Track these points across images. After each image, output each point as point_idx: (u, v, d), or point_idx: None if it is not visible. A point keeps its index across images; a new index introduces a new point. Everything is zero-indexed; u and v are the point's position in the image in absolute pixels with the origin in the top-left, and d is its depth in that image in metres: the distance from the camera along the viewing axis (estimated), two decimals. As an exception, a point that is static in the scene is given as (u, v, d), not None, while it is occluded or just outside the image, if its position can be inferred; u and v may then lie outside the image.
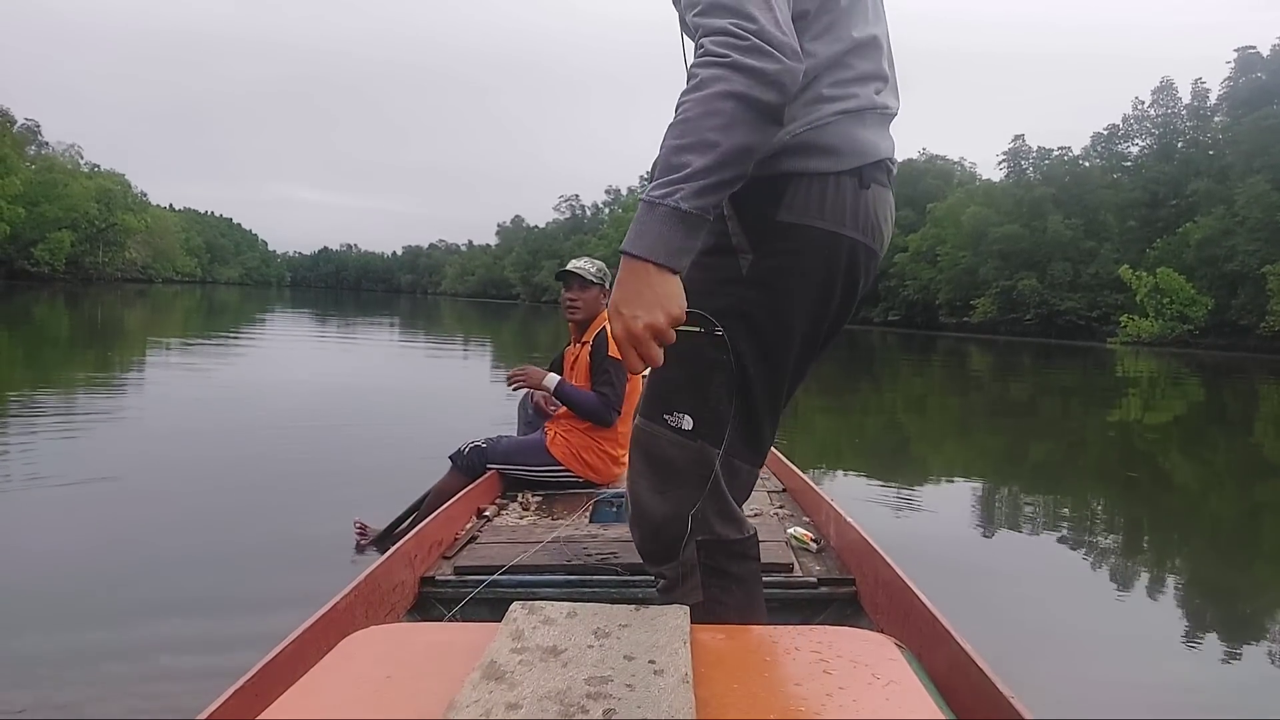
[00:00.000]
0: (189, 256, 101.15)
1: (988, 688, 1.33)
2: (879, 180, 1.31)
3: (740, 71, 1.05)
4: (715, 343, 1.28)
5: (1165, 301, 39.69)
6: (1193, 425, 11.50)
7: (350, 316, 33.81)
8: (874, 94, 1.31)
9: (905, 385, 15.49)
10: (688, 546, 1.28)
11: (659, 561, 1.32)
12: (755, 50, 1.05)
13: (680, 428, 1.28)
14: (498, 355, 17.63)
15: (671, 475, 1.29)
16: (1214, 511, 5.82)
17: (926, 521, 4.74)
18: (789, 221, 1.26)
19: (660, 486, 1.30)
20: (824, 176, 1.25)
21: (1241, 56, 45.30)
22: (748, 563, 1.34)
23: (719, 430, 1.28)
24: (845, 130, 1.26)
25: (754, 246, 1.27)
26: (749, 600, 1.34)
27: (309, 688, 0.91)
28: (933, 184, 60.54)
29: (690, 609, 1.28)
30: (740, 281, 1.28)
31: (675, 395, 1.30)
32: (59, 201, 56.22)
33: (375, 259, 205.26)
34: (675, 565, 1.29)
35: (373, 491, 4.28)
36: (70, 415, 6.49)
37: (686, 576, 1.29)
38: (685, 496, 1.28)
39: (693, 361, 1.29)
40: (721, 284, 1.29)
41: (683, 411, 1.28)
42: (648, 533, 1.32)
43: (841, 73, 1.27)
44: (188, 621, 2.65)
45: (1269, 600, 3.86)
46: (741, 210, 1.29)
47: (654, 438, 1.31)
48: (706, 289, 1.28)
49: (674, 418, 1.29)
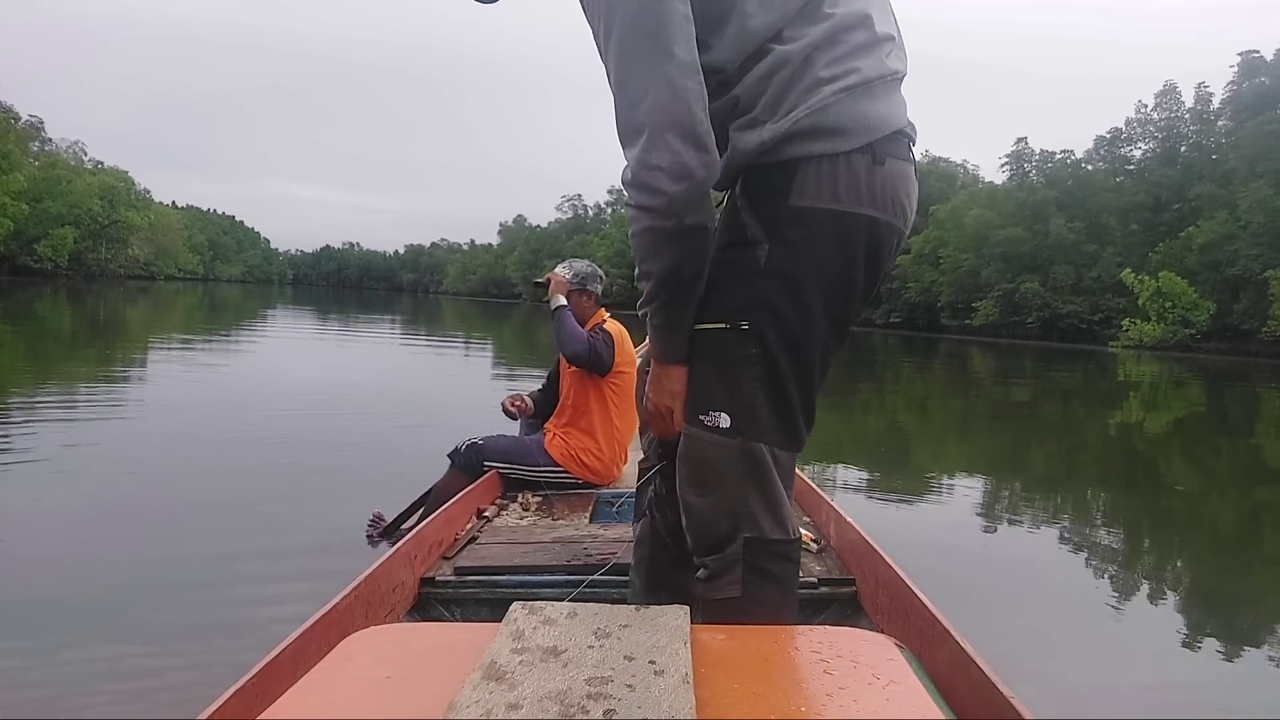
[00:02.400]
0: (191, 254, 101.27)
1: (988, 688, 1.33)
2: (895, 154, 1.28)
3: (640, 210, 1.21)
4: (740, 337, 1.27)
5: (1167, 305, 39.64)
6: (1194, 429, 11.48)
7: (353, 315, 33.84)
8: (882, 61, 1.28)
9: (907, 387, 15.48)
10: (734, 541, 1.29)
11: (704, 552, 1.32)
12: (645, 189, 1.18)
13: (718, 426, 1.28)
14: (498, 355, 17.63)
15: (712, 476, 1.29)
16: (1214, 515, 5.82)
17: (927, 522, 4.74)
18: (801, 206, 1.24)
19: (704, 488, 1.30)
20: (834, 157, 1.24)
21: (1245, 61, 45.24)
22: (788, 564, 1.34)
23: (756, 424, 1.28)
24: (850, 107, 1.23)
25: (769, 236, 1.26)
26: (783, 601, 1.33)
27: (309, 688, 0.91)
28: (935, 186, 60.44)
29: (722, 603, 1.28)
30: (759, 273, 1.27)
31: (709, 395, 1.30)
32: (62, 198, 56.26)
33: (377, 257, 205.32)
34: (720, 558, 1.30)
35: (373, 488, 4.29)
36: (74, 409, 6.50)
37: (728, 570, 1.29)
38: (729, 495, 1.28)
39: (721, 359, 1.29)
40: (741, 277, 1.28)
41: (718, 410, 1.28)
42: (696, 531, 1.33)
43: (835, 49, 1.24)
44: (188, 622, 2.66)
45: (1268, 603, 3.85)
46: (754, 201, 1.28)
47: (694, 441, 1.31)
48: (727, 284, 1.29)
49: (710, 417, 1.29)
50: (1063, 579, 3.84)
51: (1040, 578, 3.85)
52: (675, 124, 1.15)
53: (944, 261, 53.36)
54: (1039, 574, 3.92)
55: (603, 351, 3.40)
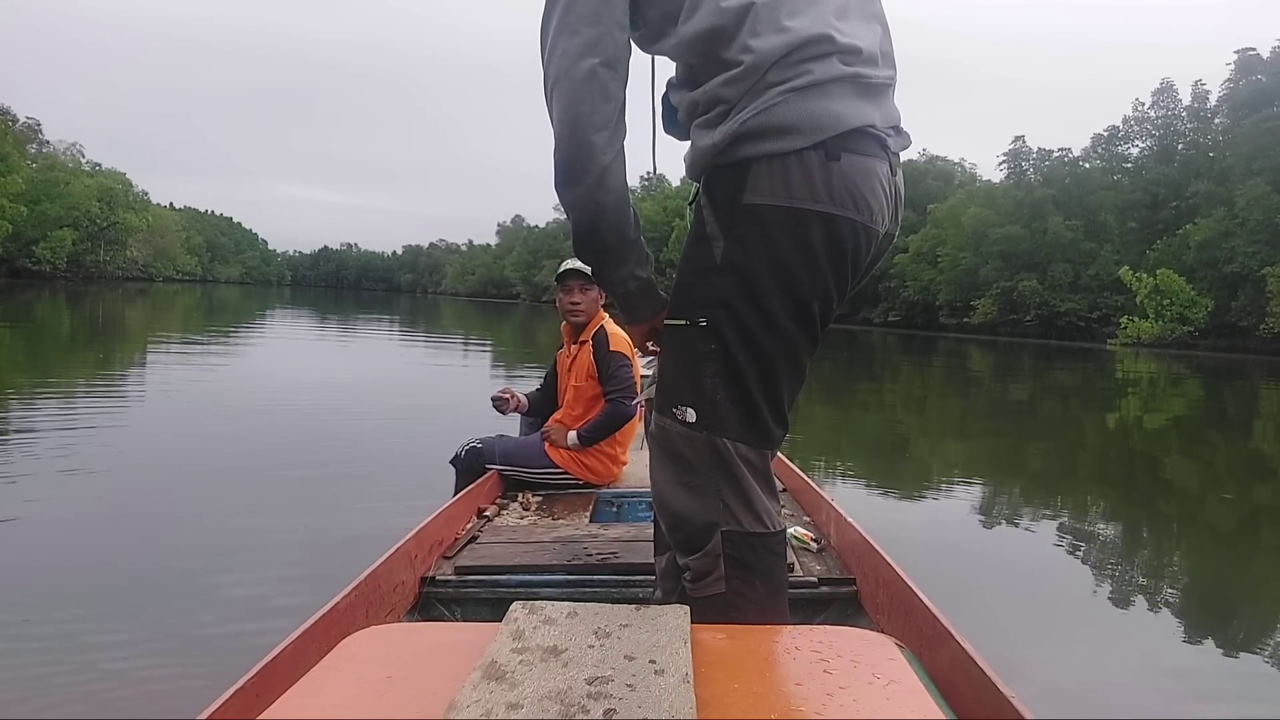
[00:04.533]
0: (190, 255, 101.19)
1: (988, 687, 1.33)
2: (856, 150, 1.27)
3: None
4: (701, 333, 1.30)
5: (1165, 303, 39.63)
6: (1192, 427, 11.49)
7: (351, 315, 33.80)
8: (837, 65, 1.27)
9: (906, 385, 15.49)
10: (712, 537, 1.30)
11: (686, 552, 1.34)
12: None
13: (686, 420, 1.31)
14: (498, 355, 17.62)
15: (686, 467, 1.32)
16: (1213, 512, 5.82)
17: (927, 521, 4.74)
18: (754, 204, 1.26)
19: (679, 478, 1.33)
20: (784, 156, 1.25)
21: (1241, 58, 45.22)
22: (772, 558, 1.34)
23: (719, 420, 1.30)
24: (799, 106, 1.24)
25: (725, 233, 1.29)
26: (772, 598, 1.33)
27: (309, 688, 0.91)
28: (933, 185, 60.48)
29: (710, 601, 1.29)
30: (715, 269, 1.30)
31: (677, 389, 1.34)
32: (60, 200, 56.21)
33: (375, 258, 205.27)
34: (702, 556, 1.31)
35: (373, 488, 4.29)
36: (73, 410, 6.49)
37: (711, 567, 1.31)
38: (702, 486, 1.31)
39: (686, 354, 1.33)
40: (700, 274, 1.31)
41: (685, 405, 1.32)
42: (671, 524, 1.35)
43: (791, 56, 1.25)
44: (188, 622, 2.65)
45: (1267, 600, 3.86)
46: (713, 199, 1.31)
47: (666, 431, 1.35)
48: (689, 280, 1.33)
49: (680, 411, 1.32)
50: (1063, 578, 3.84)
51: (1040, 576, 3.85)
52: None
53: (942, 260, 53.35)
54: (1039, 573, 3.92)
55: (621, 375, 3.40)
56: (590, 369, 3.47)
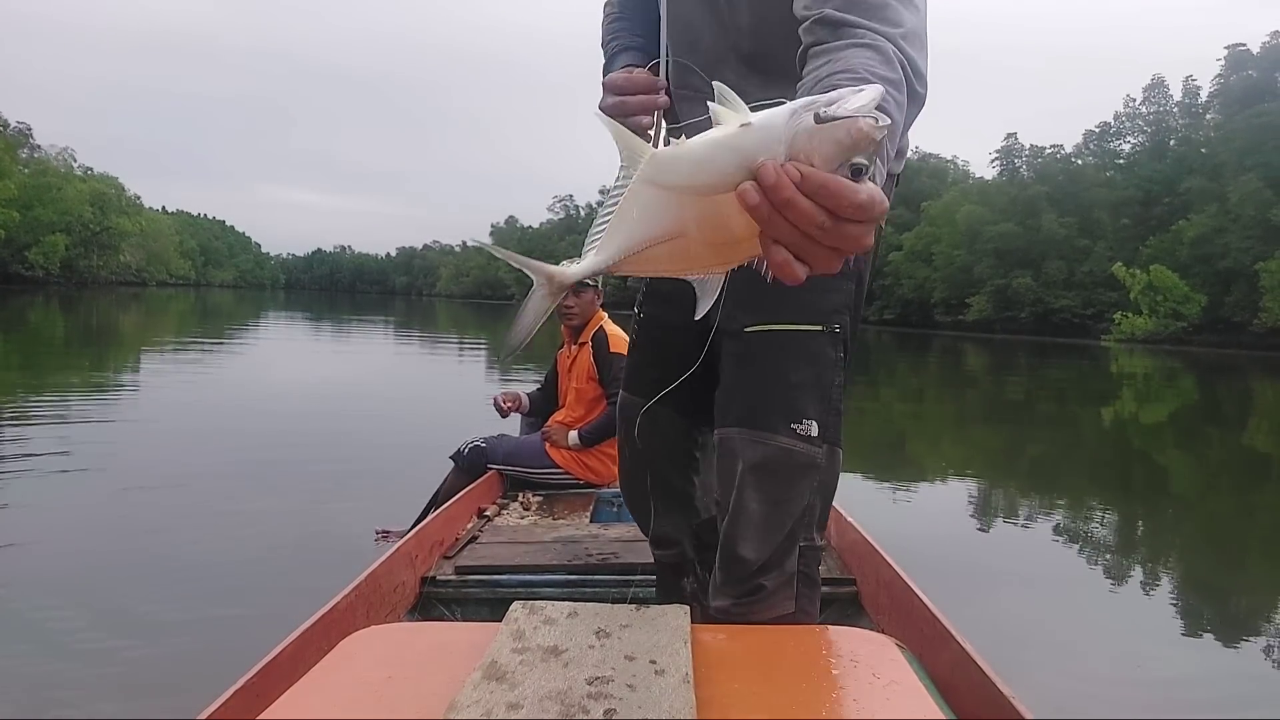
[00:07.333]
0: (183, 259, 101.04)
1: (988, 688, 1.33)
2: None
3: None
4: (834, 341, 1.25)
5: (1159, 299, 39.83)
6: (1186, 422, 11.53)
7: (347, 318, 33.75)
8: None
9: (902, 384, 15.51)
10: (792, 553, 1.24)
11: (758, 573, 1.24)
12: None
13: (809, 435, 1.22)
14: (494, 356, 17.59)
15: (791, 485, 1.23)
16: (1210, 508, 5.84)
17: (927, 521, 4.75)
18: None
19: (779, 497, 1.23)
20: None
21: (1232, 54, 45.47)
22: (818, 569, 1.32)
23: (837, 430, 1.25)
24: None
25: None
26: (814, 604, 1.31)
27: (309, 688, 0.90)
28: (927, 183, 60.66)
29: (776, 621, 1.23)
30: (845, 274, 1.25)
31: (803, 401, 1.23)
32: (52, 205, 56.08)
33: (369, 260, 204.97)
34: (779, 574, 1.24)
35: (373, 488, 4.28)
36: (67, 415, 6.47)
37: (785, 585, 1.24)
38: (800, 504, 1.23)
39: (818, 363, 1.24)
40: (835, 278, 1.21)
41: (810, 418, 1.22)
42: (761, 545, 1.23)
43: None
44: (188, 622, 2.65)
45: (1264, 597, 3.87)
46: None
47: (773, 448, 1.22)
48: (823, 284, 1.21)
49: (802, 426, 1.22)
50: (1063, 577, 3.85)
51: (1040, 576, 3.86)
52: None
53: (936, 258, 53.54)
54: (1039, 572, 3.92)
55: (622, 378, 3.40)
56: (591, 370, 3.47)
